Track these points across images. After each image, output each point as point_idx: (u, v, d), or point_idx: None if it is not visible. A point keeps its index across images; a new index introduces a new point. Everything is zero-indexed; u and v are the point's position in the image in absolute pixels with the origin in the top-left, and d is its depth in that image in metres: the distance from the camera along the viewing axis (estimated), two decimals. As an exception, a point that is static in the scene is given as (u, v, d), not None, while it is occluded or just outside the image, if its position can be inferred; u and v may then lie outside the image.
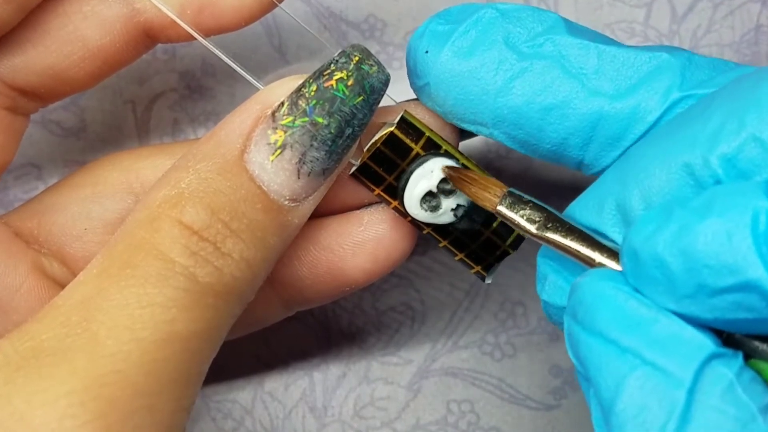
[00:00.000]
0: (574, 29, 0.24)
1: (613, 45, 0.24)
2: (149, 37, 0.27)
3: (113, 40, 0.26)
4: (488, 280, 0.27)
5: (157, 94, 0.34)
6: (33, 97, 0.27)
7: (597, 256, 0.21)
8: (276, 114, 0.23)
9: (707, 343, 0.19)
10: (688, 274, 0.18)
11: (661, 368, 0.18)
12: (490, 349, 0.34)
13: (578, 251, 0.22)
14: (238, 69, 0.25)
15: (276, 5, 0.26)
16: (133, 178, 0.27)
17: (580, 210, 0.23)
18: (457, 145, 0.26)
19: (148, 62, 0.34)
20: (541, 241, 0.23)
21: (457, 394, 0.34)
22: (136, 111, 0.34)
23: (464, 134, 0.27)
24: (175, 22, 0.26)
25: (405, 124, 0.25)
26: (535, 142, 0.24)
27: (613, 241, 0.22)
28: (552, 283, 0.23)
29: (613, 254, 0.21)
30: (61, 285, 0.27)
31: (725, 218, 0.18)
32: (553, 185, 0.34)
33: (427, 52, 0.24)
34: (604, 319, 0.20)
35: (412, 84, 0.25)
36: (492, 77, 0.24)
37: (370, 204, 0.27)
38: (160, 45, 0.33)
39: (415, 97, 0.26)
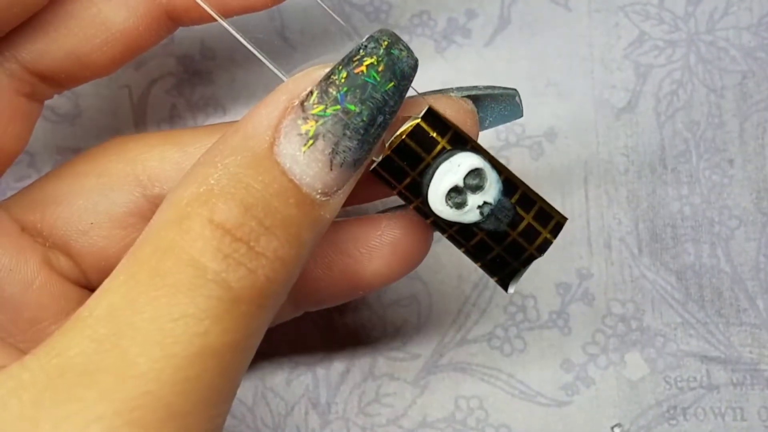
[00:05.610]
0: None
1: None
2: (171, 19, 0.27)
3: (136, 22, 0.26)
4: (511, 290, 0.26)
5: (154, 78, 0.34)
6: (52, 82, 0.27)
7: None
8: (305, 103, 0.22)
9: None
10: None
11: None
12: (499, 343, 0.34)
13: None
14: (260, 56, 0.25)
15: None
16: (140, 170, 0.27)
17: None
18: (477, 139, 0.26)
19: (145, 46, 0.33)
20: None
21: (466, 390, 0.33)
22: (133, 96, 0.34)
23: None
24: (197, 2, 0.25)
25: (431, 116, 0.25)
26: None
27: None
28: None
29: None
30: (69, 280, 0.26)
31: None
32: (564, 174, 0.34)
33: None
34: None
35: None
36: None
37: (388, 209, 0.27)
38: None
39: (436, 89, 0.26)
